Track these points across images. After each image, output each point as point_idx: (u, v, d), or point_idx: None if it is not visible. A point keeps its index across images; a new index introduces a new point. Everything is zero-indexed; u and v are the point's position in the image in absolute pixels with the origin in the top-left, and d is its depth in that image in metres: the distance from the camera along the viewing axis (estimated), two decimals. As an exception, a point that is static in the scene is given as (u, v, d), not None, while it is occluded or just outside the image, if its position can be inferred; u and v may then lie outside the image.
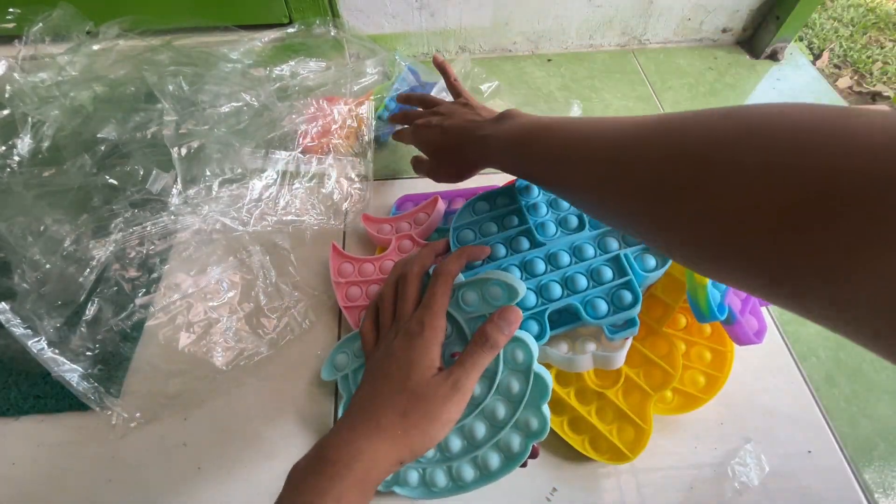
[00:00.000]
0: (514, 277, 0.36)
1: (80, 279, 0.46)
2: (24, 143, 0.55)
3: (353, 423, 0.31)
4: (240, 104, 0.59)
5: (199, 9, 0.71)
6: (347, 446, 0.30)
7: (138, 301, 0.48)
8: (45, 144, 0.56)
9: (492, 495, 0.38)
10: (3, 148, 0.55)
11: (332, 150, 0.60)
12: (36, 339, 0.42)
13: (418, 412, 0.31)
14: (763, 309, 0.50)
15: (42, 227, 0.48)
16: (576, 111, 0.69)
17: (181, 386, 0.45)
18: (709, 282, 0.36)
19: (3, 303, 0.43)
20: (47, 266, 0.46)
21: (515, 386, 0.36)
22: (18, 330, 0.42)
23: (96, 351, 0.45)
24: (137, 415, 0.43)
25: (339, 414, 0.40)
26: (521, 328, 0.36)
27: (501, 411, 0.36)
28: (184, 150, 0.54)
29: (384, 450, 0.30)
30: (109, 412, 0.43)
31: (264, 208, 0.55)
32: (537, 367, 0.35)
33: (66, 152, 0.55)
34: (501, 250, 0.42)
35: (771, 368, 0.46)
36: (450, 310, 0.36)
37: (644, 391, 0.40)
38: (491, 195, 0.46)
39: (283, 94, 0.63)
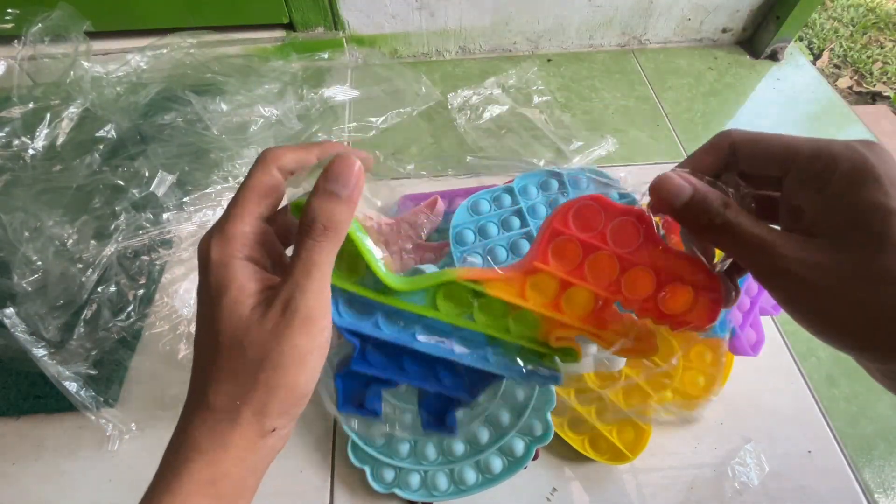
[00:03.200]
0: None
1: (83, 279, 0.46)
2: (41, 138, 0.55)
3: (185, 414, 0.22)
4: (256, 116, 0.60)
5: (199, 9, 0.71)
6: (182, 446, 0.21)
7: (137, 308, 0.48)
8: (61, 140, 0.56)
9: (492, 495, 0.38)
10: (25, 139, 0.55)
11: None
12: (39, 345, 0.42)
13: (249, 368, 0.21)
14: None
15: (38, 224, 0.48)
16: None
17: (179, 394, 0.45)
18: None
19: (9, 308, 0.43)
20: (45, 267, 0.46)
21: (520, 394, 0.36)
22: (23, 336, 0.42)
23: (94, 352, 0.45)
24: (133, 426, 0.43)
25: (342, 417, 0.40)
26: None
27: (505, 418, 0.36)
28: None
29: (229, 434, 0.21)
30: (104, 421, 0.43)
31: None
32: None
33: (77, 150, 0.56)
34: (502, 253, 0.42)
35: (771, 368, 0.46)
36: None
37: (644, 391, 0.40)
38: (490, 195, 0.46)
39: (305, 113, 0.64)
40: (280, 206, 0.25)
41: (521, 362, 0.25)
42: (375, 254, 0.23)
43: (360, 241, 0.23)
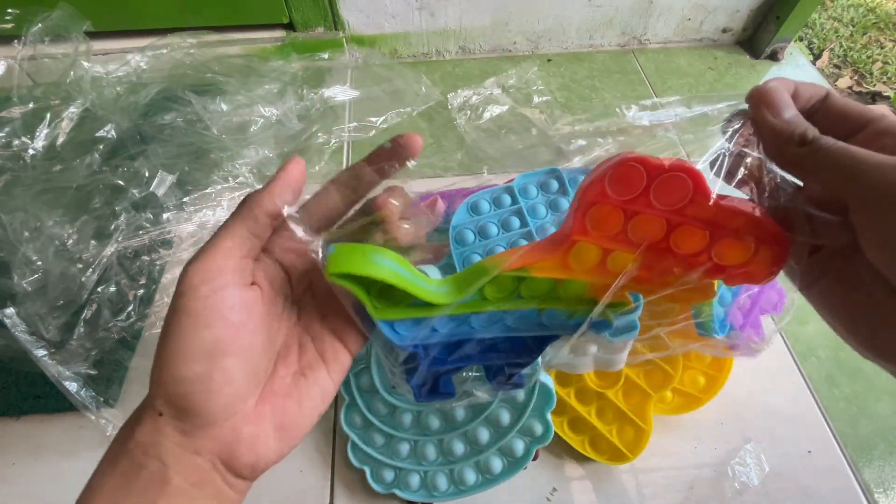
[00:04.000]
0: None
1: (83, 279, 0.46)
2: (41, 138, 0.55)
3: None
4: (256, 116, 0.60)
5: (199, 9, 0.71)
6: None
7: (137, 308, 0.48)
8: (61, 140, 0.56)
9: (492, 495, 0.38)
10: (25, 139, 0.55)
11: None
12: (39, 346, 0.42)
13: (162, 340, 0.21)
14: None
15: (38, 224, 0.48)
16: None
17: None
18: (714, 299, 0.36)
19: (9, 308, 0.43)
20: (45, 267, 0.46)
21: (520, 394, 0.36)
22: (23, 336, 0.42)
23: (94, 352, 0.45)
24: None
25: (341, 416, 0.40)
26: None
27: (506, 418, 0.36)
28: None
29: (143, 402, 0.21)
30: (104, 421, 0.43)
31: None
32: (543, 377, 0.35)
33: (77, 150, 0.56)
34: (493, 229, 0.42)
35: (771, 368, 0.46)
36: None
37: (644, 391, 0.40)
38: (490, 195, 0.46)
39: (305, 113, 0.64)
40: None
41: (577, 319, 0.25)
42: (428, 271, 0.25)
43: (403, 279, 0.22)
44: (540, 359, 0.29)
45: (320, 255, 0.21)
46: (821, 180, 0.19)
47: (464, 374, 0.28)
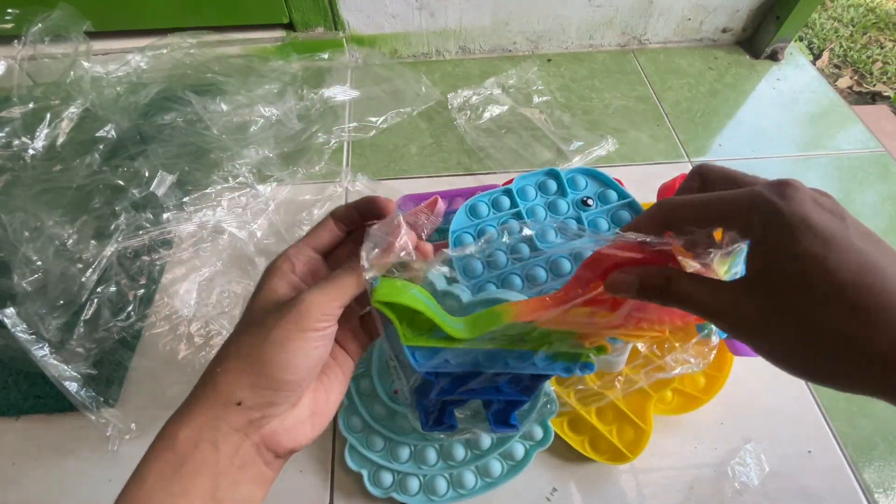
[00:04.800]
0: (523, 297, 0.35)
1: (83, 279, 0.46)
2: (41, 138, 0.55)
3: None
4: (256, 116, 0.60)
5: (199, 9, 0.71)
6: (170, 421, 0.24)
7: (137, 308, 0.48)
8: (61, 140, 0.56)
9: (492, 495, 0.38)
10: (25, 139, 0.55)
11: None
12: (39, 346, 0.42)
13: (242, 341, 0.24)
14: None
15: (38, 224, 0.48)
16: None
17: (179, 395, 0.45)
18: None
19: (9, 308, 0.43)
20: (45, 267, 0.46)
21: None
22: (24, 336, 0.42)
23: (94, 352, 0.45)
24: (133, 426, 0.43)
25: (340, 420, 0.40)
26: None
27: None
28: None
29: (199, 397, 0.23)
30: (104, 421, 0.43)
31: (271, 217, 0.55)
32: (545, 384, 0.36)
33: (77, 150, 0.56)
34: (502, 258, 0.42)
35: (771, 369, 0.46)
36: None
37: (644, 392, 0.40)
38: (488, 197, 0.46)
39: (305, 113, 0.64)
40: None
41: (561, 363, 0.30)
42: (460, 292, 0.31)
43: (431, 311, 0.26)
44: (529, 403, 0.33)
45: (370, 286, 0.25)
46: (684, 310, 0.23)
47: (462, 414, 0.33)
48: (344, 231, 0.28)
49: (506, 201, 0.45)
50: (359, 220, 0.28)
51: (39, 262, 0.47)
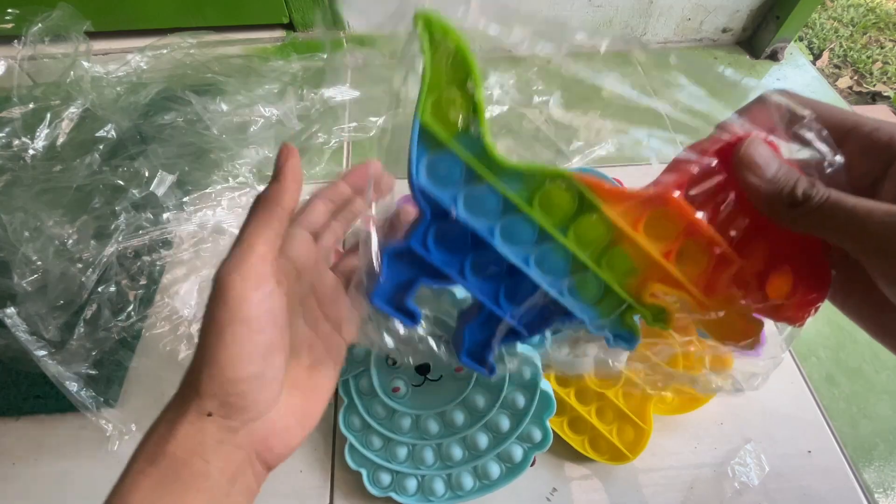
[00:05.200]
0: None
1: (83, 279, 0.46)
2: (41, 138, 0.55)
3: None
4: (256, 116, 0.60)
5: (199, 9, 0.71)
6: (151, 425, 0.22)
7: (137, 308, 0.48)
8: (61, 140, 0.56)
9: (492, 495, 0.38)
10: (25, 139, 0.55)
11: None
12: (39, 346, 0.42)
13: (203, 345, 0.21)
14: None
15: (38, 224, 0.48)
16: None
17: (180, 396, 0.45)
18: None
19: (9, 308, 0.43)
20: (45, 267, 0.46)
21: (521, 401, 0.36)
22: (24, 336, 0.42)
23: (94, 352, 0.45)
24: (133, 426, 0.43)
25: (340, 418, 0.40)
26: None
27: (505, 424, 0.36)
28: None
29: (177, 411, 0.21)
30: (104, 421, 0.43)
31: None
32: (544, 384, 0.35)
33: (77, 150, 0.56)
34: None
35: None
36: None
37: (644, 392, 0.40)
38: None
39: (305, 113, 0.64)
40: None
41: (598, 309, 0.21)
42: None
43: (479, 81, 0.18)
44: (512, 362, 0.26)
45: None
46: (821, 236, 0.18)
47: (424, 328, 0.24)
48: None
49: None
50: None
51: (39, 262, 0.47)
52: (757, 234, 0.20)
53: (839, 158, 0.18)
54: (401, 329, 0.23)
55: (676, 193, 0.19)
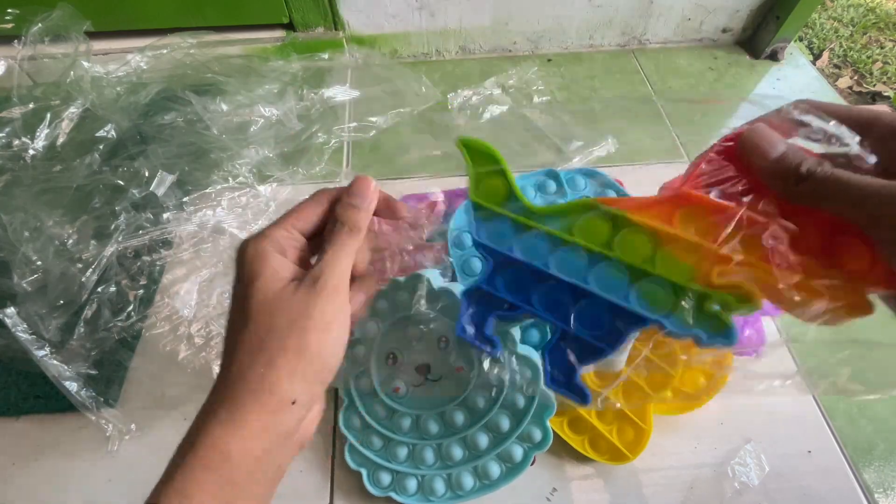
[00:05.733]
0: None
1: (83, 279, 0.46)
2: (41, 138, 0.55)
3: (211, 391, 0.23)
4: (256, 116, 0.60)
5: (199, 9, 0.71)
6: (203, 416, 0.22)
7: (137, 308, 0.48)
8: (61, 140, 0.56)
9: (492, 495, 0.38)
10: (25, 139, 0.55)
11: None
12: (39, 346, 0.42)
13: (277, 334, 0.22)
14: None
15: (38, 224, 0.48)
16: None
17: (179, 395, 0.45)
18: None
19: (9, 308, 0.43)
20: (45, 267, 0.46)
21: (521, 401, 0.36)
22: (24, 336, 0.42)
23: (94, 352, 0.45)
24: (133, 426, 0.43)
25: (340, 419, 0.40)
26: (522, 337, 0.36)
27: (505, 424, 0.36)
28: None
29: (249, 403, 0.21)
30: (104, 421, 0.43)
31: (272, 218, 0.55)
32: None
33: (77, 150, 0.56)
34: None
35: (771, 369, 0.46)
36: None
37: (644, 391, 0.40)
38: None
39: (305, 113, 0.64)
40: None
41: (672, 309, 0.21)
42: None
43: (510, 173, 0.24)
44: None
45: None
46: (828, 207, 0.19)
47: (505, 357, 0.29)
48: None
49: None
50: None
51: (39, 262, 0.47)
52: (792, 218, 0.20)
53: (857, 146, 0.19)
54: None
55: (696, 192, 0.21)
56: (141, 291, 0.49)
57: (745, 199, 0.20)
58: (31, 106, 0.58)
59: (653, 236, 0.22)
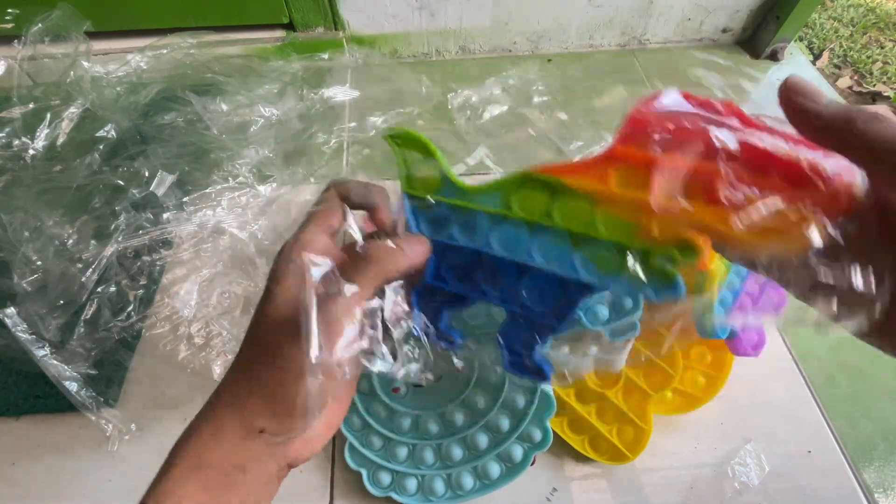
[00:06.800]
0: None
1: (83, 279, 0.46)
2: (41, 138, 0.55)
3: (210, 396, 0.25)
4: (256, 116, 0.60)
5: (199, 9, 0.71)
6: (190, 428, 0.23)
7: (137, 308, 0.48)
8: (61, 140, 0.56)
9: (492, 495, 0.38)
10: (25, 139, 0.55)
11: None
12: (39, 346, 0.42)
13: (262, 364, 0.23)
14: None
15: (38, 224, 0.48)
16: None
17: (179, 395, 0.45)
18: (716, 301, 0.36)
19: (9, 308, 0.42)
20: (45, 267, 0.46)
21: (521, 401, 0.36)
22: (24, 336, 0.42)
23: (94, 352, 0.45)
24: (132, 426, 0.43)
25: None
26: None
27: (505, 424, 0.36)
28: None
29: (226, 422, 0.23)
30: (104, 421, 0.43)
31: (274, 218, 0.55)
32: (544, 384, 0.36)
33: (77, 150, 0.56)
34: None
35: (771, 368, 0.46)
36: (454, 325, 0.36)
37: (644, 392, 0.40)
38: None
39: (305, 113, 0.64)
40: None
41: (620, 271, 0.20)
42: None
43: (440, 155, 0.24)
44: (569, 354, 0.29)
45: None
46: (864, 154, 0.17)
47: (472, 346, 0.27)
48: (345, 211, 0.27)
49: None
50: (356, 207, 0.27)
51: (39, 262, 0.47)
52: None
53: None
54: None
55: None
56: (141, 291, 0.49)
57: (680, 153, 0.19)
58: (31, 106, 0.58)
59: (590, 199, 0.21)
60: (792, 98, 0.18)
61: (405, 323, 0.23)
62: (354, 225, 0.25)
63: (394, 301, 0.23)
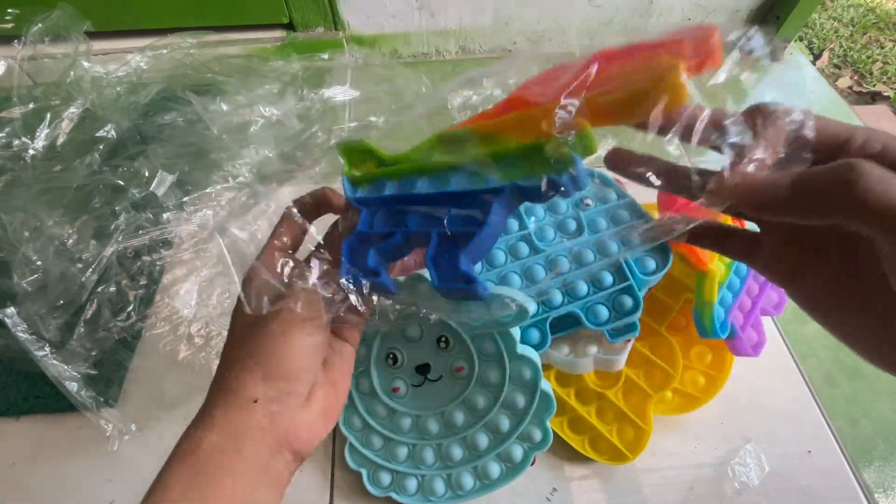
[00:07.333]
0: (524, 295, 0.33)
1: (83, 279, 0.46)
2: (41, 138, 0.55)
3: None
4: (256, 116, 0.60)
5: (199, 9, 0.71)
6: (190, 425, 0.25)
7: (137, 308, 0.48)
8: (61, 140, 0.56)
9: (492, 495, 0.38)
10: (25, 139, 0.55)
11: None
12: (39, 346, 0.42)
13: (246, 342, 0.25)
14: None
15: (38, 224, 0.48)
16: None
17: (179, 395, 0.45)
18: (716, 300, 0.36)
19: (9, 308, 0.43)
20: (45, 267, 0.46)
21: (521, 401, 0.36)
22: (24, 336, 0.42)
23: (94, 352, 0.45)
24: (132, 426, 0.43)
25: (340, 420, 0.40)
26: (522, 337, 0.37)
27: (505, 424, 0.36)
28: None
29: (217, 400, 0.24)
30: (104, 421, 0.43)
31: (272, 218, 0.55)
32: (544, 384, 0.36)
33: (77, 150, 0.56)
34: (500, 257, 0.41)
35: (771, 368, 0.46)
36: (455, 324, 0.36)
37: (644, 392, 0.40)
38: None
39: (305, 113, 0.64)
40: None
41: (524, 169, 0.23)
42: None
43: (377, 149, 0.30)
44: (529, 303, 0.30)
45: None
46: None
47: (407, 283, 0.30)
48: (306, 223, 0.29)
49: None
50: (316, 210, 0.30)
51: (39, 262, 0.47)
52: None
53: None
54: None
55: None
56: (141, 291, 0.49)
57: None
58: (31, 106, 0.58)
59: (497, 134, 0.26)
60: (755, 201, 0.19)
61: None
62: (313, 229, 0.29)
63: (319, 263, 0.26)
